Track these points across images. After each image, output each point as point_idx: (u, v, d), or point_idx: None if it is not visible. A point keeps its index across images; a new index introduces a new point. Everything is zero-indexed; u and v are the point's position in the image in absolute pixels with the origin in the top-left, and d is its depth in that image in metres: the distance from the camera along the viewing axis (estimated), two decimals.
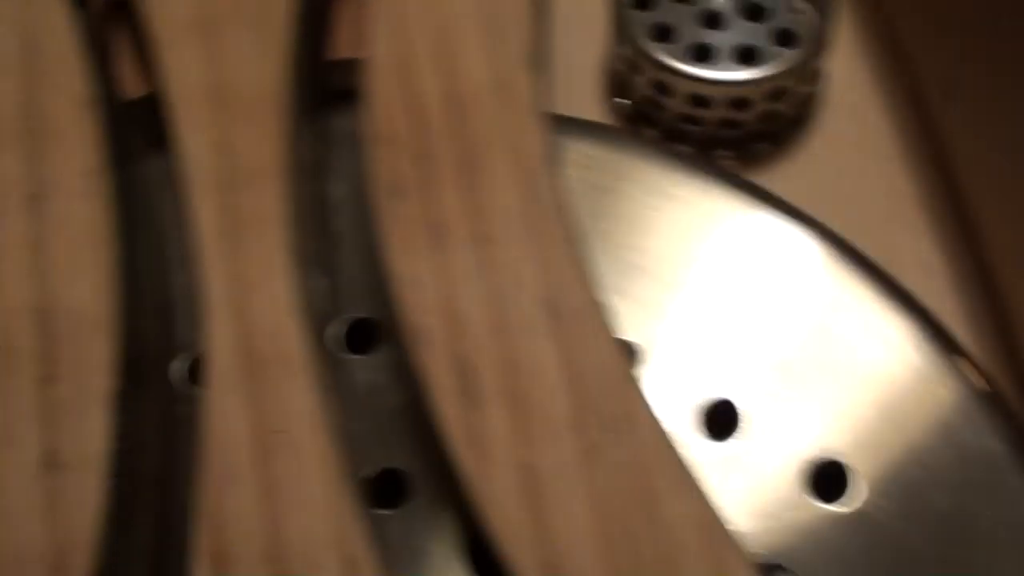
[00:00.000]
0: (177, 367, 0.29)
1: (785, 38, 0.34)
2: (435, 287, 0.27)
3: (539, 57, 0.30)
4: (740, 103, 0.34)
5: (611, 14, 0.35)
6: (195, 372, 0.28)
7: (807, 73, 0.35)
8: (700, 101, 0.34)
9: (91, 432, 0.26)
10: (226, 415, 0.26)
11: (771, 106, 0.35)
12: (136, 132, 0.30)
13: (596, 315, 0.26)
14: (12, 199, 0.28)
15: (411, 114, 0.28)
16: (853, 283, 0.29)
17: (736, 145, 0.36)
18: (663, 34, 0.34)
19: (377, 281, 0.28)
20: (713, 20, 0.35)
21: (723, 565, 0.24)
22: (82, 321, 0.27)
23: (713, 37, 0.34)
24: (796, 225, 0.30)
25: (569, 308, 0.26)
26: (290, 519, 0.25)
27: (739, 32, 0.34)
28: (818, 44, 0.35)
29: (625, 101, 0.36)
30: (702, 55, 0.34)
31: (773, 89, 0.34)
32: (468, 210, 0.27)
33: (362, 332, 0.29)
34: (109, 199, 0.28)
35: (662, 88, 0.35)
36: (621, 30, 0.35)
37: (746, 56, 0.34)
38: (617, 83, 0.37)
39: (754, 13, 0.35)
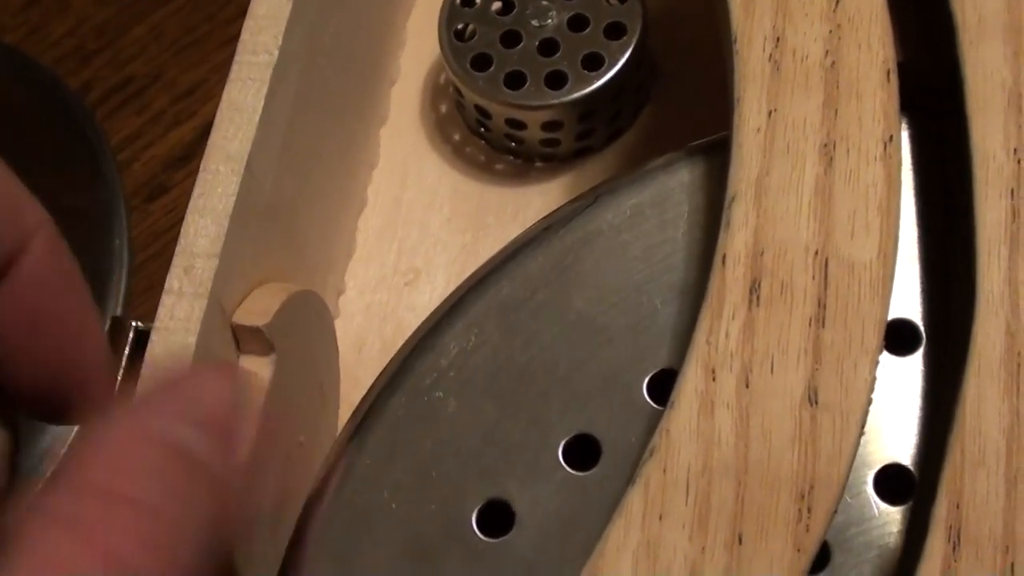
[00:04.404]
0: None
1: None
2: None
3: None
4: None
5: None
6: None
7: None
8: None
9: (855, 381, 0.28)
10: (983, 403, 0.28)
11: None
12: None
13: None
14: (809, 143, 0.30)
15: None
16: None
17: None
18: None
19: None
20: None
21: None
22: (860, 276, 0.29)
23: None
24: None
25: None
26: None
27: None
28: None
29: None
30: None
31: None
32: None
33: None
34: (897, 167, 0.30)
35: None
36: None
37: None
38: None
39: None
